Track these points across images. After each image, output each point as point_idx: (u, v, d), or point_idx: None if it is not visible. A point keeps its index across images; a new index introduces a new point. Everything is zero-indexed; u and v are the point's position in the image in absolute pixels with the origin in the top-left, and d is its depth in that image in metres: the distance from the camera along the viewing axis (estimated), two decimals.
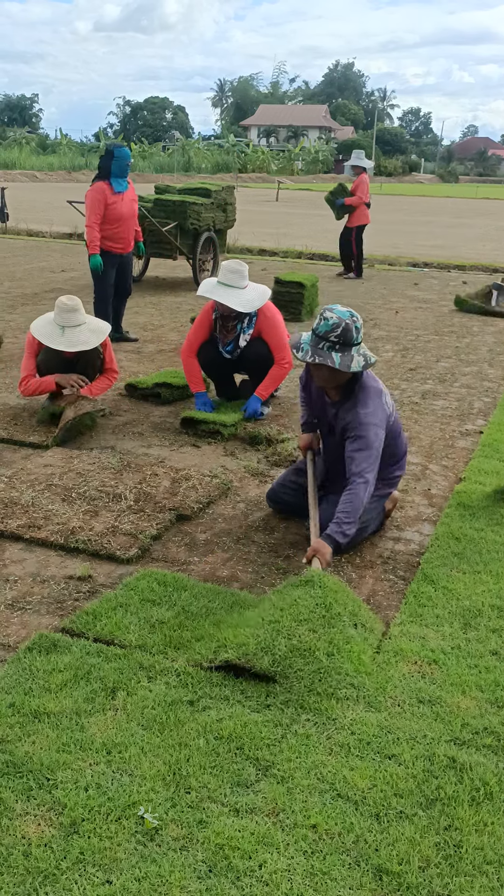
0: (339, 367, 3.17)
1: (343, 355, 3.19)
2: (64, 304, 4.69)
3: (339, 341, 3.18)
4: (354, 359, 3.20)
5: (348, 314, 3.22)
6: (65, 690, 2.40)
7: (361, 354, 3.23)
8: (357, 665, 2.53)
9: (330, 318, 3.21)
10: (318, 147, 64.07)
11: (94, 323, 4.83)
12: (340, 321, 3.19)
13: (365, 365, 3.22)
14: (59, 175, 42.24)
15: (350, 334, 3.18)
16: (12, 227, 16.44)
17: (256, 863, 1.85)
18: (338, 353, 3.19)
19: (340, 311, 3.23)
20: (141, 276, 10.94)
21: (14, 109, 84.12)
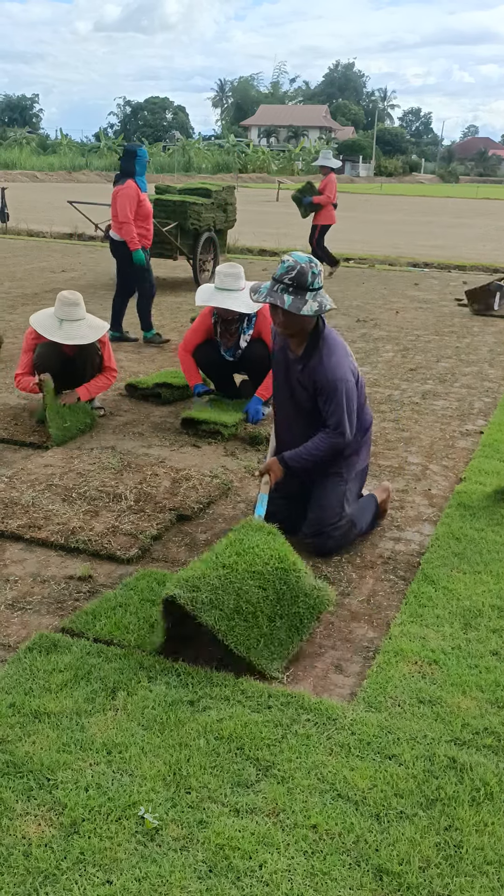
0: (288, 307, 3.14)
1: (296, 298, 3.15)
2: (65, 298, 4.70)
3: (292, 284, 3.15)
4: (308, 303, 3.15)
5: (306, 259, 3.19)
6: (65, 690, 2.40)
7: (317, 301, 3.17)
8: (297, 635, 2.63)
9: (286, 260, 3.19)
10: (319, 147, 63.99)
11: (93, 319, 4.84)
12: (296, 264, 3.16)
13: (318, 310, 3.17)
14: (60, 175, 42.24)
15: (304, 278, 3.14)
16: (13, 228, 16.44)
17: (257, 863, 1.85)
18: (290, 296, 3.15)
19: (298, 256, 3.21)
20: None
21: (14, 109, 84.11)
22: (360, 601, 3.06)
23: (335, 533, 3.35)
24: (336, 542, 3.38)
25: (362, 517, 3.51)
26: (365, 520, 3.53)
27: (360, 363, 6.73)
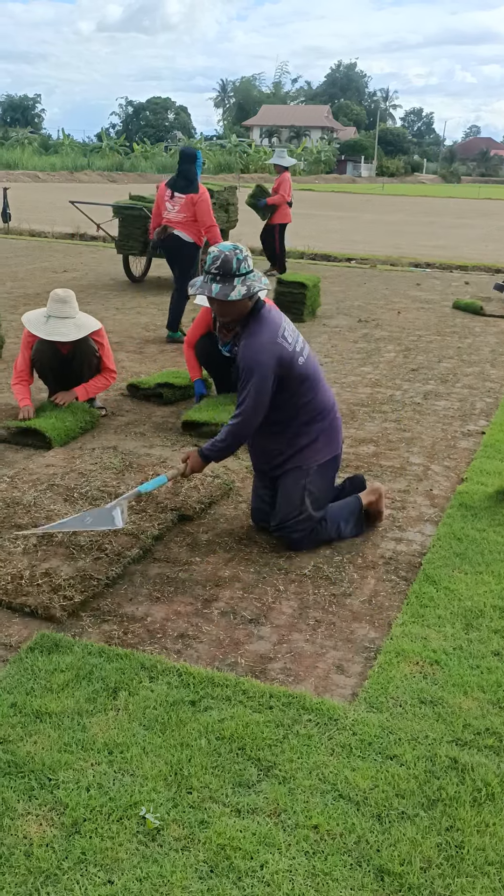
0: (215, 295, 3.15)
1: (223, 285, 3.15)
2: (55, 295, 4.71)
3: (219, 272, 3.16)
4: (236, 288, 3.15)
5: (230, 247, 3.21)
6: (66, 690, 2.40)
7: (245, 285, 3.17)
8: None
9: (212, 251, 3.20)
10: (321, 147, 64.06)
11: (82, 319, 4.81)
12: (220, 253, 3.17)
13: (247, 293, 3.16)
14: (62, 175, 42.25)
15: (229, 265, 3.15)
16: (14, 228, 16.45)
17: (258, 863, 1.85)
18: (217, 284, 3.16)
19: (224, 245, 3.24)
20: (143, 276, 10.95)
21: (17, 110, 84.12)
22: (361, 601, 3.06)
23: (298, 527, 3.36)
24: (302, 537, 3.38)
25: (337, 516, 3.47)
26: (341, 518, 3.48)
27: (361, 363, 6.73)
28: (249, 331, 3.27)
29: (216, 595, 3.06)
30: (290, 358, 3.27)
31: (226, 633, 2.81)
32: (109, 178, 43.13)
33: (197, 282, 3.26)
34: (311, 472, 3.39)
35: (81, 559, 3.23)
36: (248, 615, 2.93)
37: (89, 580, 3.07)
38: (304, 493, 3.37)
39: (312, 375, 3.38)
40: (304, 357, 3.35)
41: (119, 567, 3.18)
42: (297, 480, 3.39)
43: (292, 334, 3.34)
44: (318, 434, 3.41)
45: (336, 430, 3.50)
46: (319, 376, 3.44)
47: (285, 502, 3.39)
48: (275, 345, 3.23)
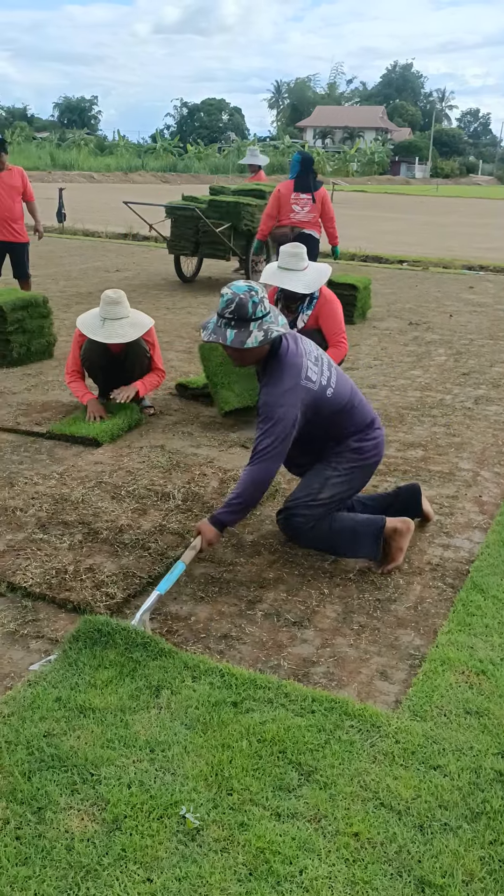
0: (230, 343, 3.00)
1: (239, 331, 3.00)
2: (107, 297, 4.75)
3: (233, 317, 3.00)
4: (252, 334, 2.99)
5: (245, 288, 3.02)
6: (110, 687, 2.42)
7: (262, 329, 3.01)
8: None
9: (225, 293, 3.03)
10: (374, 148, 63.64)
11: (136, 317, 4.86)
12: (234, 296, 3.00)
13: (264, 339, 3.00)
14: (116, 176, 42.77)
15: (244, 309, 2.98)
16: (69, 227, 16.70)
17: (297, 868, 1.84)
18: (233, 330, 3.01)
19: (237, 286, 3.04)
20: (194, 276, 11.01)
21: (74, 111, 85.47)
22: (406, 608, 3.02)
23: (304, 511, 3.24)
24: (303, 524, 3.24)
25: (353, 527, 3.26)
26: (356, 531, 3.26)
27: (411, 367, 6.66)
28: (269, 377, 3.11)
29: (260, 596, 3.06)
30: (317, 397, 3.13)
31: (269, 635, 2.80)
32: (162, 178, 43.51)
33: (209, 324, 3.10)
34: (339, 469, 3.28)
35: (125, 556, 3.25)
36: (292, 618, 2.92)
37: (132, 578, 3.09)
38: (325, 482, 3.26)
39: (346, 402, 3.25)
40: (332, 388, 3.20)
41: (162, 566, 3.20)
42: (322, 470, 3.30)
43: (316, 369, 3.18)
44: (358, 445, 3.31)
45: (375, 444, 3.35)
46: (353, 399, 3.29)
47: (302, 485, 3.31)
48: (298, 390, 3.07)
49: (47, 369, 6.21)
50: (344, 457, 3.29)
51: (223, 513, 3.10)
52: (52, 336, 6.60)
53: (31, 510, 3.63)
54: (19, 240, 7.82)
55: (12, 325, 6.15)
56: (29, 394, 5.54)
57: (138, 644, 2.60)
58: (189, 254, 10.40)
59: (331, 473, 3.27)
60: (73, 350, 4.99)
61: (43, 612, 2.89)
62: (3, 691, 2.44)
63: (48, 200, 15.94)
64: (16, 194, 7.64)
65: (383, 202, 33.24)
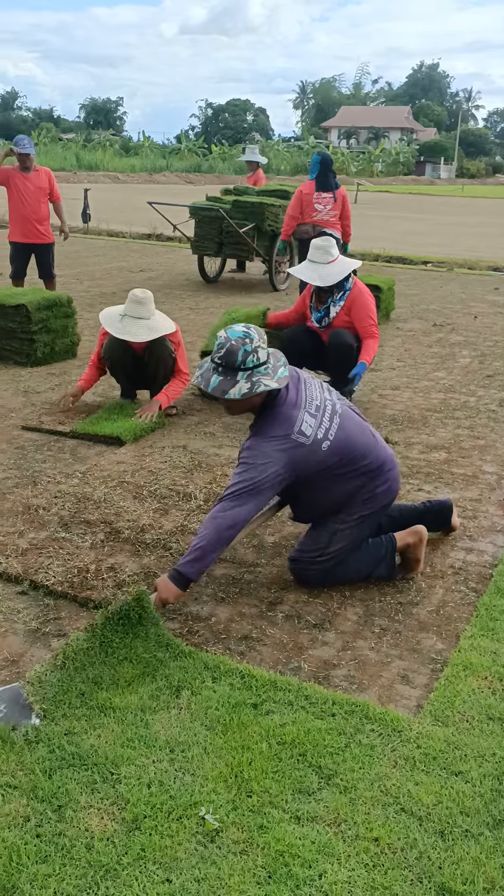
0: (210, 390, 2.81)
1: (224, 379, 2.80)
2: (134, 295, 4.77)
3: (221, 363, 2.82)
4: (238, 385, 2.78)
5: (241, 334, 2.81)
6: (131, 686, 2.42)
7: (250, 381, 2.79)
8: None
9: (219, 336, 2.84)
10: (399, 149, 63.37)
11: (157, 321, 4.83)
12: (227, 341, 2.80)
13: (247, 393, 2.78)
14: (141, 177, 42.95)
15: (233, 357, 2.78)
16: (94, 228, 16.78)
17: (316, 872, 1.83)
18: (218, 377, 2.82)
19: (233, 331, 2.84)
20: (217, 276, 11.02)
21: (99, 112, 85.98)
22: (428, 611, 3.00)
23: (313, 566, 3.07)
24: (316, 576, 3.09)
25: (363, 558, 3.13)
26: (368, 559, 3.14)
27: (435, 368, 6.62)
28: (259, 427, 2.92)
29: (281, 598, 3.05)
30: (308, 454, 2.89)
31: (289, 637, 2.79)
32: (187, 179, 43.61)
33: (204, 364, 2.92)
34: (349, 521, 3.07)
35: (147, 556, 3.26)
36: (313, 620, 2.91)
37: (153, 577, 3.09)
38: (332, 537, 3.06)
39: (347, 451, 2.98)
40: (329, 441, 2.94)
41: None
42: (331, 521, 3.09)
43: (314, 422, 2.93)
44: (368, 496, 3.07)
45: (390, 485, 3.12)
46: (359, 445, 3.03)
47: (310, 538, 3.12)
48: (285, 443, 2.85)
49: (71, 369, 6.24)
50: (353, 509, 3.07)
51: (184, 565, 2.77)
52: (76, 336, 6.64)
53: (53, 509, 3.65)
54: (45, 240, 7.88)
55: (37, 324, 6.20)
56: (52, 393, 5.57)
57: (163, 644, 2.60)
58: (212, 254, 10.41)
59: (338, 527, 3.06)
60: (97, 343, 5.06)
61: (64, 610, 2.91)
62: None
63: (74, 201, 16.05)
64: (42, 195, 7.70)
65: (408, 203, 33.09)
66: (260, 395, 2.87)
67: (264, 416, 2.93)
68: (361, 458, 3.02)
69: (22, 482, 3.97)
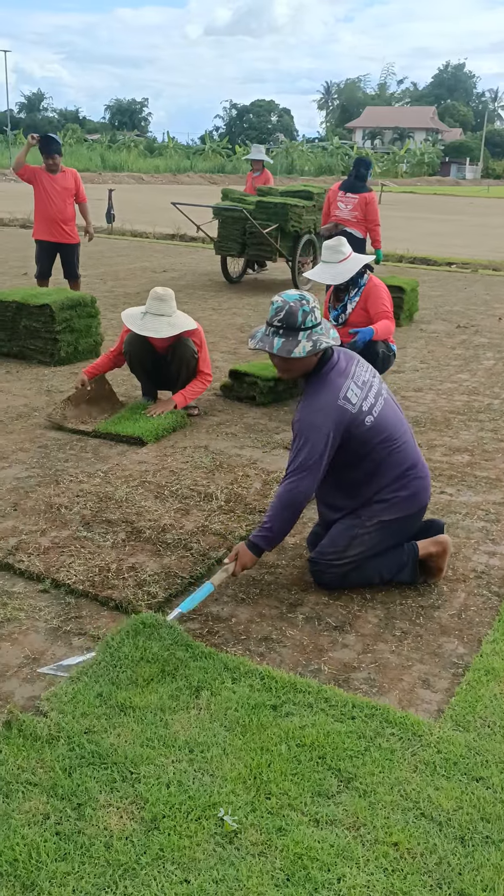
0: (276, 351, 2.91)
1: (287, 340, 2.91)
2: (155, 293, 4.79)
3: (282, 325, 2.92)
4: (301, 344, 2.90)
5: (296, 297, 2.94)
6: (151, 685, 2.42)
7: (311, 340, 2.91)
8: None
9: (275, 301, 2.95)
10: (424, 149, 63.04)
11: (178, 319, 4.85)
12: (284, 304, 2.92)
13: (312, 349, 2.90)
14: (165, 177, 43.10)
15: (294, 318, 2.90)
16: (118, 228, 16.86)
17: (335, 875, 1.82)
18: (280, 338, 2.92)
19: (288, 294, 2.96)
20: (240, 277, 11.03)
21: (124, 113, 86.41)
22: (450, 615, 2.98)
23: (330, 569, 3.06)
24: (333, 579, 3.08)
25: (384, 564, 3.11)
26: (389, 565, 3.12)
27: (458, 370, 6.57)
28: (309, 390, 3.02)
29: (301, 600, 3.04)
30: (352, 421, 2.96)
31: (310, 639, 2.79)
32: (210, 180, 43.70)
33: (257, 333, 3.03)
34: (368, 525, 3.07)
35: (167, 556, 3.27)
36: (333, 622, 2.90)
37: (174, 577, 3.10)
38: (351, 541, 3.06)
39: (386, 434, 3.04)
40: (373, 417, 3.01)
41: (203, 566, 3.20)
42: (350, 527, 3.08)
43: (360, 392, 3.01)
44: (391, 497, 3.07)
45: (416, 493, 3.11)
46: (396, 437, 3.07)
47: (330, 540, 3.10)
48: (333, 409, 2.94)
49: None
50: (372, 510, 3.07)
51: (257, 537, 2.98)
52: (100, 335, 6.68)
53: (75, 508, 3.67)
54: (70, 241, 7.93)
55: (60, 324, 6.24)
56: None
57: (181, 644, 2.61)
58: (236, 254, 10.42)
59: (358, 531, 3.06)
60: (119, 340, 5.07)
61: (85, 609, 2.92)
62: (45, 686, 2.46)
63: (98, 202, 16.13)
64: (68, 196, 7.75)
65: (432, 203, 32.90)
66: (317, 354, 2.98)
67: (313, 381, 3.03)
68: (395, 448, 3.07)
69: (44, 481, 4.00)
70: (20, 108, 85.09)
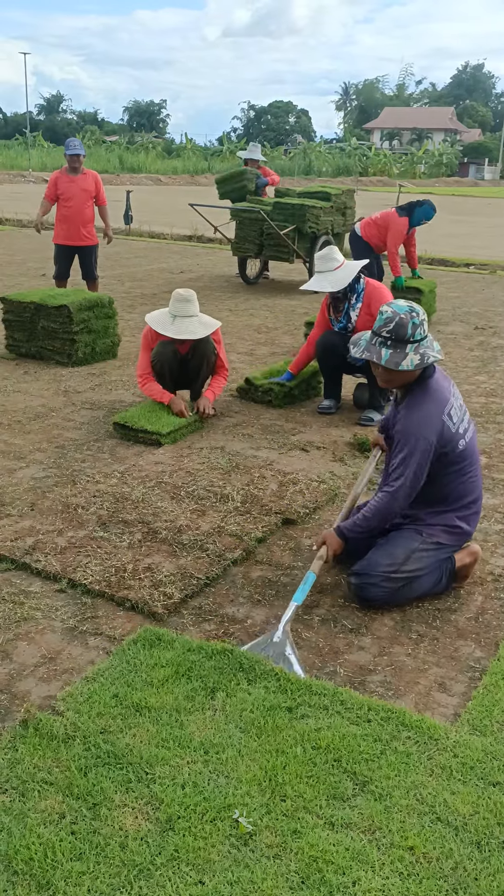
0: (384, 363, 2.90)
1: (395, 352, 2.90)
2: (179, 295, 4.79)
3: (391, 336, 2.91)
4: (408, 357, 2.89)
5: (406, 308, 2.93)
6: (166, 686, 2.43)
7: (418, 353, 2.90)
8: None
9: (385, 311, 2.94)
10: (443, 150, 62.76)
11: (205, 317, 4.91)
12: (395, 315, 2.91)
13: (420, 363, 2.90)
14: (183, 179, 43.18)
15: (403, 330, 2.89)
16: (135, 230, 16.91)
17: (350, 879, 1.82)
18: (388, 350, 2.91)
19: (398, 306, 2.95)
20: (257, 278, 11.02)
21: (143, 115, 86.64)
22: (467, 618, 2.96)
23: (384, 584, 2.94)
24: (383, 594, 2.96)
25: (429, 579, 3.05)
26: (430, 580, 3.06)
27: (476, 372, 6.53)
28: (413, 400, 2.98)
29: (317, 601, 3.03)
30: (450, 439, 2.95)
31: (325, 641, 2.78)
32: None
33: (362, 341, 3.03)
34: (428, 542, 3.03)
35: (183, 557, 3.27)
36: (349, 624, 2.89)
37: (189, 578, 3.11)
38: (412, 554, 2.99)
39: (468, 461, 3.04)
40: (465, 441, 3.01)
41: (219, 568, 3.20)
42: (408, 540, 3.03)
43: (458, 413, 3.03)
44: (454, 525, 3.07)
45: (474, 528, 3.15)
46: (475, 464, 3.09)
47: (383, 552, 3.01)
48: (438, 420, 2.93)
49: (111, 369, 6.30)
50: (437, 530, 3.05)
51: (349, 528, 3.03)
52: (117, 336, 6.70)
53: (92, 508, 3.68)
54: (88, 243, 7.96)
55: (78, 325, 6.26)
56: (93, 393, 5.63)
57: (193, 649, 2.61)
58: (253, 256, 10.42)
59: (418, 545, 3.02)
60: (143, 353, 5.00)
61: (101, 609, 2.93)
62: (62, 686, 2.47)
63: (116, 203, 16.18)
64: (88, 198, 7.79)
65: (450, 204, 32.73)
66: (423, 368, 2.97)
67: (416, 391, 3.01)
68: (470, 477, 3.07)
69: (62, 481, 4.02)
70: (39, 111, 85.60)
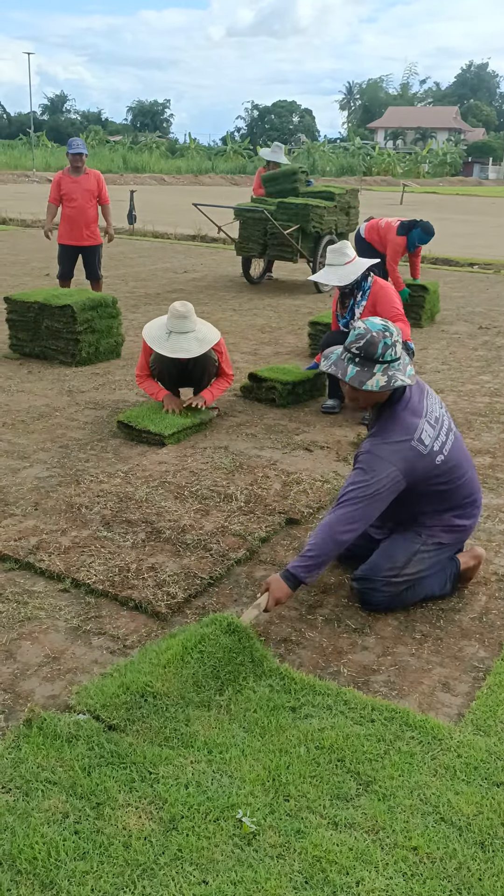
0: (348, 380, 2.81)
1: (361, 370, 2.80)
2: (175, 311, 4.72)
3: (360, 354, 2.81)
4: (375, 377, 2.78)
5: (381, 327, 2.83)
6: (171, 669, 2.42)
7: (387, 374, 2.79)
8: None
9: (358, 327, 2.85)
10: (447, 149, 62.67)
11: (203, 332, 4.80)
12: (366, 332, 2.81)
13: (385, 386, 2.78)
14: (186, 178, 43.19)
15: (373, 348, 2.78)
16: (139, 229, 16.92)
17: (354, 879, 1.81)
18: (356, 367, 2.82)
19: (372, 323, 2.85)
20: (261, 278, 11.02)
21: (146, 115, 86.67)
22: (471, 618, 2.96)
23: (385, 589, 2.91)
24: (385, 599, 2.93)
25: (432, 581, 3.02)
26: (436, 583, 3.03)
27: (480, 371, 6.53)
28: (380, 427, 2.89)
29: (321, 601, 3.03)
30: (422, 462, 2.85)
31: (329, 641, 2.78)
32: (232, 181, 43.74)
33: (333, 354, 2.94)
34: (429, 543, 2.99)
35: (187, 556, 3.27)
36: (353, 624, 2.89)
37: (193, 578, 3.11)
38: (412, 556, 2.96)
39: (453, 465, 2.95)
40: (444, 455, 2.91)
41: (223, 567, 3.20)
42: (409, 542, 2.99)
43: (432, 432, 2.90)
44: (454, 524, 3.03)
45: (474, 524, 3.11)
46: (463, 470, 3.00)
47: (384, 555, 2.97)
48: (406, 449, 2.82)
49: (115, 369, 6.30)
50: (436, 530, 3.01)
51: (297, 567, 2.77)
52: (121, 336, 6.70)
53: (95, 508, 3.69)
54: (92, 242, 7.97)
55: (82, 324, 6.26)
56: (96, 393, 5.63)
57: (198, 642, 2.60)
58: (257, 255, 10.42)
59: (419, 547, 2.97)
60: (142, 357, 5.00)
61: (105, 608, 2.93)
62: (66, 685, 2.47)
63: (120, 203, 16.21)
64: (91, 198, 7.79)
65: (455, 204, 32.70)
66: (390, 391, 2.87)
67: (386, 416, 2.91)
68: (464, 484, 3.00)
69: (65, 481, 4.02)
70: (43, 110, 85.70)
